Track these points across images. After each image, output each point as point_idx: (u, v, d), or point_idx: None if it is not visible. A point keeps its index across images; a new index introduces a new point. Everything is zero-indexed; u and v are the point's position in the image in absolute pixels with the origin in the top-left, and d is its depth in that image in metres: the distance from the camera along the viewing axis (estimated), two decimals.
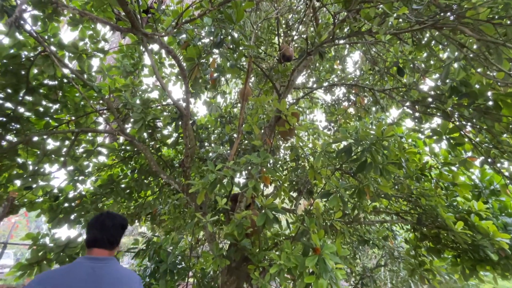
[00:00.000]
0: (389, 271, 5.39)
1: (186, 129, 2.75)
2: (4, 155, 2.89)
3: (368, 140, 1.98)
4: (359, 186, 2.01)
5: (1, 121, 2.75)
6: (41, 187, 3.20)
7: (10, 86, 2.63)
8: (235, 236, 2.58)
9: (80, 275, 1.10)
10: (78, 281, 1.08)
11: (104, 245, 1.22)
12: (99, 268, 1.14)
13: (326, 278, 1.73)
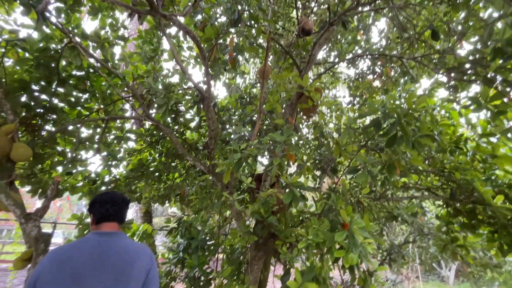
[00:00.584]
0: (418, 247, 5.30)
1: (208, 111, 2.78)
2: (45, 144, 3.12)
3: (398, 113, 1.87)
4: (388, 160, 1.94)
5: (39, 113, 2.95)
6: (80, 172, 3.46)
7: (43, 79, 2.78)
8: (261, 213, 2.65)
9: (86, 249, 1.14)
10: (84, 255, 1.12)
11: (116, 219, 1.27)
12: (106, 242, 1.18)
13: (356, 252, 1.73)
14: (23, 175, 3.23)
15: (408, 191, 3.86)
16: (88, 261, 1.10)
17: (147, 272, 1.19)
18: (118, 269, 1.12)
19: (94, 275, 1.08)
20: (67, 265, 1.08)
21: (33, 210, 2.02)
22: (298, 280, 2.07)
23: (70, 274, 1.06)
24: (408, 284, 8.10)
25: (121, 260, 1.14)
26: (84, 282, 1.06)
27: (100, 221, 1.25)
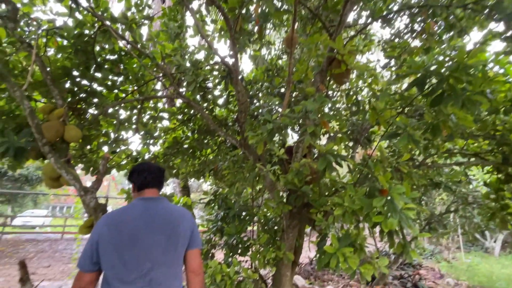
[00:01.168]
0: (461, 217, 5.03)
1: (236, 84, 2.77)
2: (91, 126, 3.40)
3: (446, 68, 1.69)
4: (433, 122, 1.79)
5: (82, 97, 3.18)
6: (123, 151, 3.74)
7: (82, 64, 2.95)
8: (295, 183, 2.67)
9: (136, 212, 1.25)
10: (135, 218, 1.23)
11: (155, 185, 1.36)
12: (152, 206, 1.28)
13: (396, 217, 1.69)
14: (76, 156, 3.60)
15: (452, 158, 3.60)
16: (140, 223, 1.21)
17: (191, 231, 1.32)
18: (167, 228, 1.23)
19: (148, 235, 1.19)
20: (122, 227, 1.20)
21: (89, 185, 2.26)
22: (335, 245, 2.10)
23: (126, 235, 1.18)
24: (448, 254, 7.85)
25: (168, 220, 1.26)
26: (140, 241, 1.18)
27: (142, 188, 1.35)
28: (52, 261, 7.10)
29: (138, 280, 1.14)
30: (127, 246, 1.16)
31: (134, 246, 1.16)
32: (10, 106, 2.93)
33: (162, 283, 1.18)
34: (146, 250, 1.17)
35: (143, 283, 1.14)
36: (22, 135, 2.39)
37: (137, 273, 1.14)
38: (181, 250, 1.27)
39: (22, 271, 2.00)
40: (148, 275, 1.15)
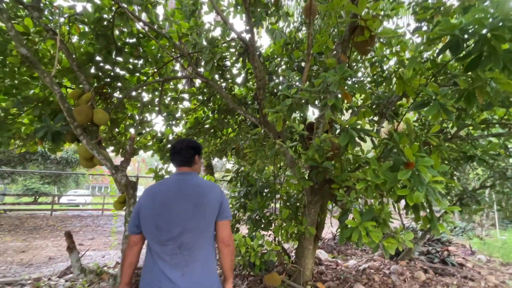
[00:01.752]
0: (497, 192, 4.71)
1: (254, 60, 2.70)
2: (117, 109, 3.56)
3: (485, 27, 1.50)
4: (468, 88, 1.63)
5: (107, 82, 3.31)
6: (148, 133, 3.91)
7: (103, 49, 3.04)
8: (315, 159, 2.64)
9: (168, 185, 1.42)
10: (167, 188, 1.40)
11: (182, 164, 1.49)
12: (182, 180, 1.43)
13: (422, 190, 1.62)
14: (106, 138, 3.83)
15: (490, 130, 3.31)
16: (171, 193, 1.37)
17: (219, 203, 1.41)
18: (194, 198, 1.37)
19: (177, 203, 1.35)
20: (156, 197, 1.38)
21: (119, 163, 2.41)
22: (357, 219, 2.09)
23: (159, 203, 1.35)
24: (481, 231, 7.50)
25: (195, 191, 1.39)
26: (170, 209, 1.34)
27: (176, 166, 1.52)
28: (95, 234, 7.90)
29: (171, 242, 1.30)
30: (160, 213, 1.33)
31: (165, 213, 1.32)
32: (44, 94, 3.14)
33: (192, 247, 1.31)
34: (176, 217, 1.32)
35: (174, 245, 1.30)
36: (57, 120, 2.57)
37: (169, 236, 1.29)
38: (210, 220, 1.37)
39: (69, 241, 2.24)
40: (179, 238, 1.30)
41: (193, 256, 1.31)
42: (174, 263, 1.28)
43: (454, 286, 3.59)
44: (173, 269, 1.27)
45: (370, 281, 3.65)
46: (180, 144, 1.51)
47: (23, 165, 14.00)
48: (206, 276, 1.33)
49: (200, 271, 1.31)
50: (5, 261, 4.84)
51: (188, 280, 1.27)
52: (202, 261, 1.33)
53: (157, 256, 1.30)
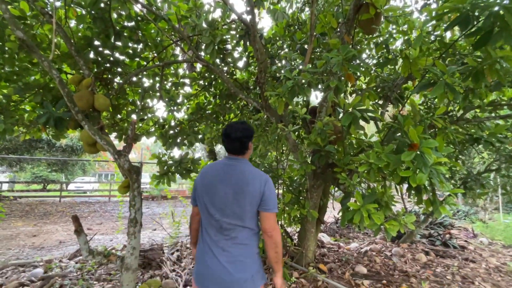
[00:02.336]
0: (503, 176, 4.67)
1: (255, 42, 2.63)
2: (118, 95, 3.54)
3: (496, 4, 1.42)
4: (477, 66, 1.57)
5: (107, 67, 3.26)
6: (150, 119, 3.90)
7: (102, 33, 2.97)
8: (318, 143, 2.62)
9: (216, 168, 1.48)
10: (215, 171, 1.47)
11: (233, 150, 1.49)
12: (230, 165, 1.46)
13: (426, 172, 1.60)
14: (109, 125, 3.84)
15: (497, 112, 3.23)
16: (217, 176, 1.44)
17: (261, 194, 1.39)
18: (236, 185, 1.39)
19: (220, 187, 1.41)
20: (205, 177, 1.48)
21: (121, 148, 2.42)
22: (359, 202, 2.09)
23: (206, 184, 1.45)
24: (484, 214, 7.52)
25: (238, 179, 1.41)
26: (213, 189, 1.42)
27: (227, 152, 1.54)
28: (103, 219, 8.12)
29: (213, 222, 1.41)
30: (207, 193, 1.43)
31: (210, 195, 1.42)
32: (44, 80, 3.12)
33: (230, 230, 1.38)
34: (218, 200, 1.40)
35: (217, 225, 1.40)
36: (59, 105, 2.57)
37: (213, 216, 1.40)
38: (249, 208, 1.39)
39: (76, 224, 2.30)
40: (219, 221, 1.39)
41: (232, 238, 1.38)
42: (217, 239, 1.39)
43: (455, 268, 3.64)
44: (215, 244, 1.39)
45: (372, 263, 3.71)
46: (234, 131, 1.46)
47: (29, 153, 14.24)
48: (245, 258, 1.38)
49: (238, 253, 1.37)
50: (17, 245, 5.02)
51: (227, 256, 1.35)
52: (240, 244, 1.39)
53: (205, 230, 1.44)
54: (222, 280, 1.32)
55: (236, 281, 1.32)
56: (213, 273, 1.34)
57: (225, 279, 1.32)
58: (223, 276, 1.32)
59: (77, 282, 2.83)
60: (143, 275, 3.11)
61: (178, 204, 10.64)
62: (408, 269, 3.53)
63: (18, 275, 3.11)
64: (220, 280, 1.33)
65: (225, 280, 1.32)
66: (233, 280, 1.32)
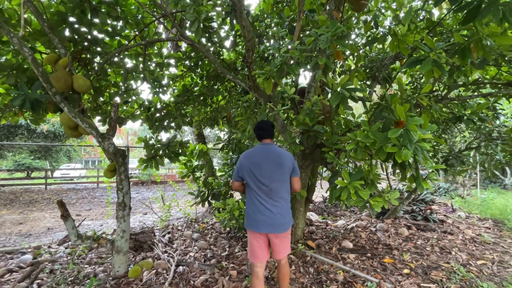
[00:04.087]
0: (482, 154, 4.89)
1: (241, 19, 2.52)
2: (99, 76, 3.37)
3: None
4: (464, 43, 1.58)
5: (85, 46, 3.07)
6: (135, 101, 3.76)
7: (77, 8, 2.77)
8: (307, 123, 2.62)
9: (259, 150, 2.06)
10: (259, 153, 2.04)
11: (268, 136, 2.11)
12: (267, 148, 2.06)
13: (411, 148, 1.64)
14: (91, 108, 3.68)
15: (479, 91, 3.31)
16: (260, 157, 2.02)
17: (292, 164, 2.06)
18: (276, 160, 2.00)
19: (265, 163, 1.99)
20: (251, 157, 2.04)
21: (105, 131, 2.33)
22: (346, 179, 2.14)
23: (253, 162, 2.01)
24: (463, 190, 7.94)
25: (276, 156, 2.01)
26: (261, 165, 1.98)
27: (261, 138, 2.13)
28: (92, 206, 8.03)
29: (264, 187, 1.97)
30: (256, 168, 1.99)
31: (259, 169, 1.98)
32: (17, 60, 2.91)
33: (277, 190, 1.98)
34: (266, 171, 1.97)
35: (267, 189, 1.96)
36: (35, 87, 2.42)
37: (263, 183, 1.97)
38: (286, 176, 2.04)
39: (62, 209, 2.26)
40: (270, 185, 1.97)
41: (278, 196, 1.98)
42: (268, 198, 1.97)
43: (434, 240, 3.87)
44: (267, 201, 1.96)
45: (357, 238, 3.89)
46: (265, 123, 2.11)
47: (8, 140, 13.63)
48: (286, 209, 2.02)
49: (282, 205, 2.00)
50: (3, 233, 4.92)
51: (277, 208, 1.96)
52: (283, 200, 2.01)
53: (256, 195, 1.98)
54: (273, 224, 1.93)
55: (282, 224, 1.95)
56: (267, 220, 1.93)
57: (275, 223, 1.93)
58: (274, 221, 1.93)
59: (68, 266, 2.83)
60: (135, 257, 3.14)
61: (168, 189, 10.62)
62: (391, 242, 3.72)
63: (6, 262, 3.07)
64: (272, 224, 1.93)
65: (275, 223, 1.93)
66: (280, 223, 1.94)
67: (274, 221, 1.93)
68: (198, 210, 5.53)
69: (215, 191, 3.99)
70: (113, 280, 2.53)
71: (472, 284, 2.61)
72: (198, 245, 3.53)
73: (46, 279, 2.57)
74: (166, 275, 2.67)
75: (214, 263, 2.96)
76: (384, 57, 3.73)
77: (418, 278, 2.71)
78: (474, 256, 3.36)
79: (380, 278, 2.67)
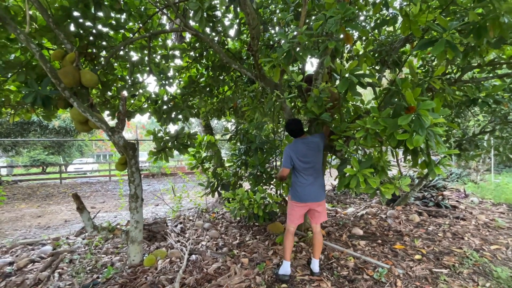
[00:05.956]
0: (496, 138, 4.74)
1: (245, 5, 2.46)
2: (106, 71, 3.39)
3: None
4: (479, 21, 1.50)
5: (91, 41, 3.08)
6: (142, 94, 3.78)
7: (80, 2, 2.76)
8: (314, 111, 2.58)
9: (301, 143, 2.48)
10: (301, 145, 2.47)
11: (301, 132, 2.53)
12: (306, 140, 2.50)
13: (423, 134, 1.60)
14: (100, 103, 3.73)
15: (495, 71, 3.17)
16: (304, 147, 2.46)
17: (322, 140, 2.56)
18: (314, 149, 2.47)
19: (308, 151, 2.45)
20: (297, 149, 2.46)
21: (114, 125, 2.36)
22: (356, 167, 2.12)
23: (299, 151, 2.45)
24: (476, 176, 7.76)
25: (314, 145, 2.48)
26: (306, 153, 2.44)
27: (297, 136, 2.54)
28: (105, 198, 8.27)
29: (308, 167, 2.45)
30: (302, 156, 2.44)
31: (304, 156, 2.44)
32: (25, 57, 2.95)
33: (317, 169, 2.50)
34: (309, 157, 2.45)
35: (311, 169, 2.45)
36: (44, 83, 2.45)
37: (308, 165, 2.44)
38: (321, 157, 2.55)
39: (77, 202, 2.33)
40: (313, 166, 2.47)
41: (318, 174, 2.51)
42: (309, 174, 2.45)
43: (446, 226, 3.83)
44: (309, 177, 2.45)
45: (367, 225, 3.89)
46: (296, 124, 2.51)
47: (23, 137, 14.04)
48: (323, 184, 2.54)
49: (321, 181, 2.53)
50: (24, 226, 5.14)
51: (316, 182, 2.47)
52: (320, 176, 2.55)
53: (301, 173, 2.45)
54: (316, 196, 2.44)
55: (321, 196, 2.48)
56: (312, 194, 2.44)
57: (317, 196, 2.45)
58: (316, 194, 2.45)
59: (86, 256, 2.94)
60: (149, 247, 3.23)
61: (178, 180, 10.81)
62: (402, 229, 3.71)
63: (28, 253, 3.22)
64: (315, 196, 2.44)
65: (317, 196, 2.45)
66: (321, 196, 2.47)
67: (316, 194, 2.45)
68: (208, 200, 5.62)
69: (224, 182, 4.03)
70: (129, 268, 2.62)
71: (486, 269, 2.59)
72: (210, 234, 3.60)
73: (66, 268, 2.69)
74: (179, 263, 2.75)
75: (226, 252, 3.03)
76: (394, 40, 3.60)
77: (430, 264, 2.70)
78: (487, 241, 3.31)
79: (391, 264, 2.67)
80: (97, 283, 2.38)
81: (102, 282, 2.41)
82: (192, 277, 2.45)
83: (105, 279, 2.45)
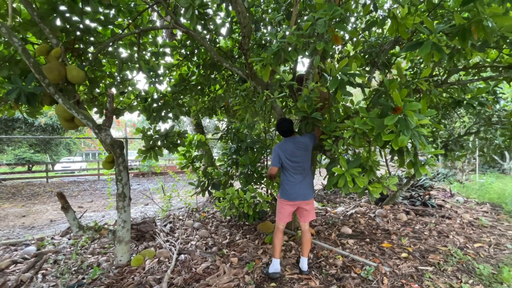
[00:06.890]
0: (481, 139, 4.88)
1: (237, 4, 2.45)
2: (94, 67, 3.31)
3: None
4: (464, 24, 1.53)
5: (78, 36, 3.00)
6: (131, 92, 3.72)
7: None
8: (305, 110, 2.60)
9: (289, 143, 2.50)
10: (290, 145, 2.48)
11: (290, 133, 2.55)
12: (294, 140, 2.51)
13: (408, 134, 1.63)
14: (87, 100, 3.64)
15: (480, 74, 3.26)
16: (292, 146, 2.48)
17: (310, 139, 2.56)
18: (303, 147, 2.49)
19: (296, 150, 2.47)
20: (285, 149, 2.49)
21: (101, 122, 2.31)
22: (344, 167, 2.14)
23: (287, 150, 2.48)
24: (462, 176, 7.99)
25: (302, 144, 2.50)
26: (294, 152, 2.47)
27: (286, 135, 2.57)
28: (93, 197, 8.10)
29: (297, 165, 2.47)
30: (290, 155, 2.47)
31: (293, 155, 2.47)
32: (9, 51, 2.85)
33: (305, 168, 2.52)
34: (297, 156, 2.47)
35: (299, 167, 2.48)
36: (29, 79, 2.37)
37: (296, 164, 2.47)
38: (310, 156, 2.57)
39: (62, 201, 2.27)
40: (301, 164, 2.49)
41: (306, 172, 2.52)
42: (298, 173, 2.49)
43: (432, 224, 3.92)
44: (297, 175, 2.49)
45: (356, 224, 3.94)
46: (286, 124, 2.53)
47: (6, 134, 13.60)
48: (311, 183, 2.59)
49: (309, 180, 2.56)
50: (7, 226, 4.98)
51: (305, 181, 2.50)
52: (309, 175, 2.57)
53: (292, 173, 2.48)
54: (304, 195, 2.47)
55: (310, 195, 2.51)
56: (300, 192, 2.47)
57: (306, 195, 2.48)
58: (304, 193, 2.48)
59: (71, 256, 2.87)
60: (137, 246, 3.18)
61: (168, 179, 10.69)
62: (389, 227, 3.78)
63: (10, 253, 3.12)
64: (303, 195, 2.47)
65: (306, 195, 2.48)
66: (309, 195, 2.50)
67: (305, 193, 2.49)
68: (198, 200, 5.58)
69: (215, 181, 4.01)
70: (116, 269, 2.58)
71: (469, 266, 2.66)
72: (199, 233, 3.58)
73: (50, 269, 2.62)
74: (168, 263, 2.72)
75: (215, 251, 3.01)
76: (383, 42, 3.65)
77: (415, 261, 2.76)
78: (471, 239, 3.41)
79: (379, 262, 2.72)
80: (82, 284, 2.33)
81: (87, 283, 2.35)
82: (180, 276, 2.43)
83: (90, 279, 2.39)
